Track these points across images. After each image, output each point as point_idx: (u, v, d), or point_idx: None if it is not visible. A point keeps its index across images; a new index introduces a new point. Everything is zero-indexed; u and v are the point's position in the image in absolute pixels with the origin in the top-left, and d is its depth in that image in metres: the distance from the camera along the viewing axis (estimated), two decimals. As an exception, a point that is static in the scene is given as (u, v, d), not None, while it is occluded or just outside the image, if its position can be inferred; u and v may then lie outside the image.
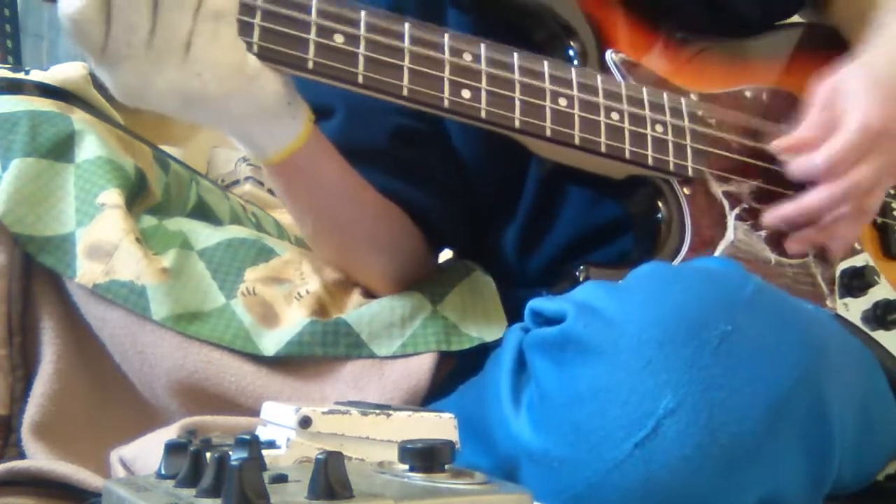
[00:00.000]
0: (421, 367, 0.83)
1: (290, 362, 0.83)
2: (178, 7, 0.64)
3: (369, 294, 0.90)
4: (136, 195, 0.89)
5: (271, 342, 0.82)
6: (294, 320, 0.83)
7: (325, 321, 0.84)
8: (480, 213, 0.92)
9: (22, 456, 0.78)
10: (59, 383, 0.81)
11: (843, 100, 0.81)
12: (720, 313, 0.60)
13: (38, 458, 0.76)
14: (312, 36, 0.69)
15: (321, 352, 0.83)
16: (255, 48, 0.68)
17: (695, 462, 0.57)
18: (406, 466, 0.44)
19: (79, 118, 0.88)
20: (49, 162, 0.84)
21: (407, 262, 0.90)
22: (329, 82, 0.71)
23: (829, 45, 0.95)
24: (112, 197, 0.84)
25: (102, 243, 0.82)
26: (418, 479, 0.43)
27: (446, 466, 0.43)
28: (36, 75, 0.93)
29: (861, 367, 0.77)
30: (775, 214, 0.82)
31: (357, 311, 0.85)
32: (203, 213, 1.02)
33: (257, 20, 0.68)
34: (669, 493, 0.58)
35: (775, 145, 0.84)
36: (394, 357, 0.84)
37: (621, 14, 0.86)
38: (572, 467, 0.60)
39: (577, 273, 0.76)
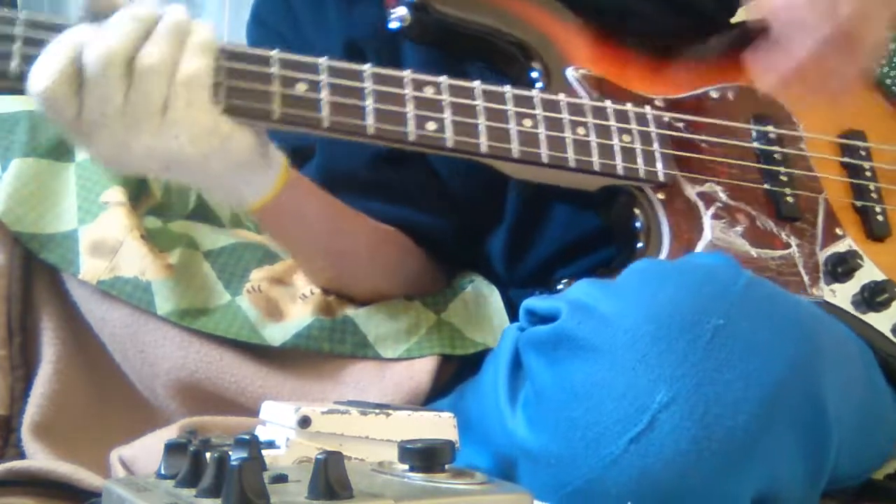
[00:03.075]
0: (422, 369, 0.83)
1: (292, 361, 0.83)
2: (154, 75, 0.64)
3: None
4: (138, 195, 0.89)
5: (278, 333, 0.82)
6: (300, 316, 0.84)
7: (333, 318, 0.84)
8: (469, 223, 0.93)
9: (22, 456, 0.78)
10: (59, 383, 0.81)
11: None
12: (713, 307, 0.60)
13: (38, 458, 0.76)
14: (276, 88, 0.70)
15: (328, 348, 0.83)
16: (223, 105, 0.68)
17: (690, 456, 0.58)
18: (406, 466, 0.44)
19: (78, 118, 0.88)
20: (48, 161, 0.84)
21: (409, 282, 0.90)
22: (295, 130, 0.72)
23: None
24: (115, 195, 0.84)
25: (107, 240, 0.82)
26: (418, 479, 0.43)
27: (446, 466, 0.44)
28: (36, 75, 0.93)
29: (858, 360, 0.77)
30: (772, 78, 0.81)
31: (365, 311, 0.86)
32: (203, 213, 1.02)
33: (222, 79, 0.68)
34: (666, 487, 0.58)
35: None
36: (396, 359, 0.84)
37: (579, 29, 0.87)
38: (569, 464, 0.60)
39: (560, 287, 0.76)
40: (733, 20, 0.95)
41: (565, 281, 0.76)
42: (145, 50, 0.64)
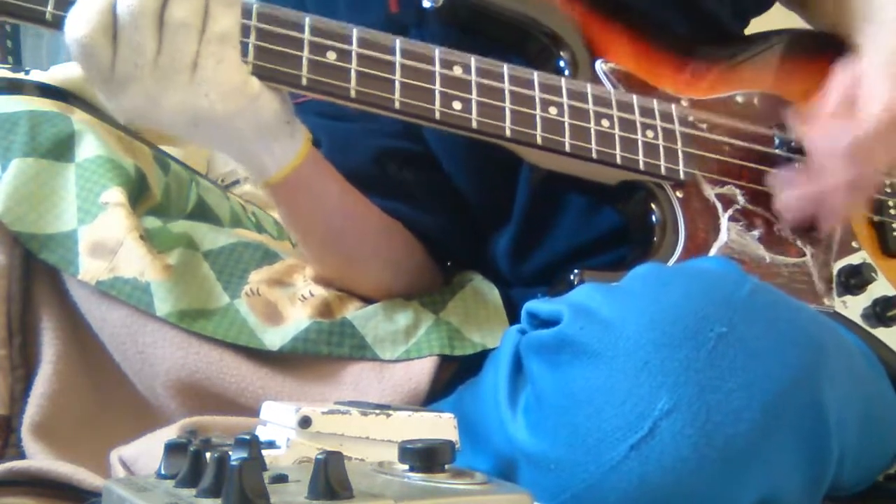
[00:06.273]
0: (421, 370, 0.83)
1: (291, 362, 0.83)
2: (184, 29, 0.65)
3: (371, 303, 0.90)
4: (138, 195, 0.89)
5: (276, 337, 0.82)
6: (298, 318, 0.84)
7: (331, 321, 0.84)
8: (474, 221, 0.93)
9: (22, 456, 0.78)
10: (59, 383, 0.81)
11: (864, 85, 0.81)
12: (716, 314, 0.60)
13: (38, 458, 0.76)
14: (305, 53, 0.71)
15: (326, 351, 0.83)
16: (251, 67, 0.69)
17: (691, 463, 0.58)
18: (406, 466, 0.44)
19: (78, 118, 0.88)
20: (49, 162, 0.84)
21: (413, 276, 0.90)
22: (322, 97, 0.73)
23: (815, 50, 0.95)
24: (115, 195, 0.84)
25: (106, 241, 0.82)
26: (418, 479, 0.43)
27: (446, 466, 0.44)
28: (36, 75, 0.93)
29: (863, 369, 0.76)
30: (793, 194, 0.82)
31: (362, 313, 0.86)
32: (203, 213, 1.02)
33: (252, 39, 0.69)
34: (666, 493, 0.58)
35: (793, 113, 0.84)
36: (395, 360, 0.84)
37: (609, 24, 0.87)
38: (569, 469, 0.60)
39: (572, 277, 0.76)
40: (746, 31, 0.97)
41: (577, 272, 0.77)
42: (174, 3, 0.65)
